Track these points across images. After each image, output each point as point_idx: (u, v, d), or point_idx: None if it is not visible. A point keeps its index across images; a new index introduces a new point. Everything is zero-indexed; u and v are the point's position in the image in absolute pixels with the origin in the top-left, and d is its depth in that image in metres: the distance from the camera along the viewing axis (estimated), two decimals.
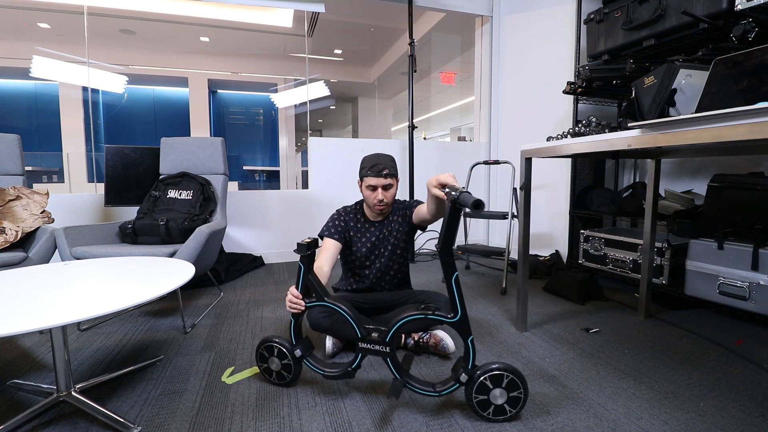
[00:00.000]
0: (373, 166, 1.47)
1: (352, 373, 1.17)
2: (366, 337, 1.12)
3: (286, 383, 1.25)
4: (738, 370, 1.35)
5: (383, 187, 1.48)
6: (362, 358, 1.15)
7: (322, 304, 1.19)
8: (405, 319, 1.08)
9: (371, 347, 1.12)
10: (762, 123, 0.85)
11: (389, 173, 1.47)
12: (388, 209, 1.56)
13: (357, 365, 1.15)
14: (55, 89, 5.09)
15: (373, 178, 1.47)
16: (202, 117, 5.81)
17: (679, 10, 1.69)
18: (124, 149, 2.43)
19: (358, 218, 1.60)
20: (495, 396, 1.04)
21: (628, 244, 2.12)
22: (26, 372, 1.36)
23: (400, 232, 1.58)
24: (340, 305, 1.17)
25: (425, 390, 1.08)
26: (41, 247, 1.80)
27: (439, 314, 1.06)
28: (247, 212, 3.04)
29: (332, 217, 1.60)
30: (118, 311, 1.23)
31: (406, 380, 1.10)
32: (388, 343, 1.10)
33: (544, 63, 2.94)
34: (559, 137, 1.67)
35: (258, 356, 1.27)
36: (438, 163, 3.48)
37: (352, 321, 1.14)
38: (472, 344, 1.04)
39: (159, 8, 4.10)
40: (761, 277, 1.59)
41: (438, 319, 1.06)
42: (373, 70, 6.49)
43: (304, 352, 1.21)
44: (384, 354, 1.11)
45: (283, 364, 1.23)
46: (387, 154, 1.52)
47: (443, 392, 1.07)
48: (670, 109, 1.32)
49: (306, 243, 1.14)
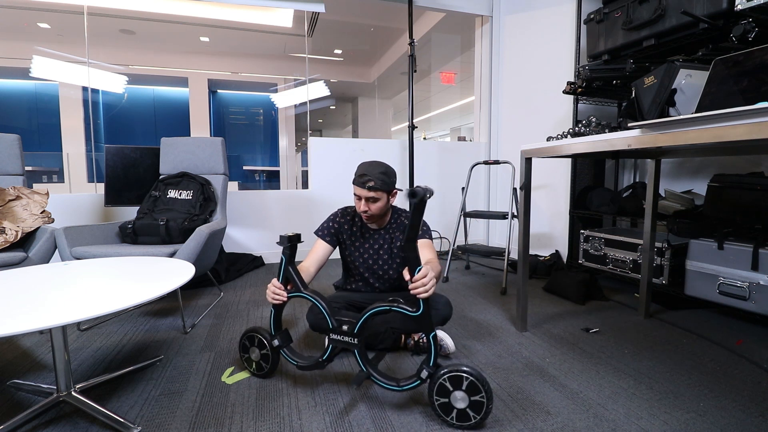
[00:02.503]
0: (361, 176, 1.39)
1: (322, 365, 1.20)
2: (336, 328, 1.15)
3: (265, 374, 1.30)
4: (738, 370, 1.35)
5: (366, 199, 1.41)
6: (333, 350, 1.18)
7: (300, 295, 1.23)
8: (372, 311, 1.11)
9: (341, 338, 1.15)
10: (762, 123, 0.85)
11: (374, 186, 1.37)
12: (378, 220, 1.50)
13: (328, 357, 1.19)
14: (55, 89, 5.09)
15: (357, 188, 1.41)
16: (202, 117, 5.81)
17: (679, 10, 1.69)
18: (124, 149, 2.43)
19: (354, 221, 1.56)
20: (456, 399, 1.02)
21: (628, 244, 2.12)
22: (26, 372, 1.36)
23: (396, 246, 1.54)
24: (315, 298, 1.20)
25: (388, 384, 1.10)
26: (41, 247, 1.79)
27: (402, 306, 1.08)
28: (247, 212, 3.04)
29: (330, 216, 1.58)
30: (118, 311, 1.23)
31: (371, 372, 1.13)
32: (356, 335, 1.13)
33: (544, 63, 2.94)
34: (559, 137, 1.67)
35: (241, 346, 1.32)
36: (438, 163, 3.48)
37: (325, 313, 1.17)
38: (433, 341, 1.06)
39: (159, 8, 4.10)
40: (761, 277, 1.59)
41: (401, 310, 1.08)
42: (373, 70, 6.49)
43: (281, 343, 1.26)
44: (352, 345, 1.14)
45: (262, 354, 1.28)
46: (383, 165, 1.43)
47: (405, 387, 1.08)
48: (670, 109, 1.32)
49: (288, 236, 1.20)
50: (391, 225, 1.55)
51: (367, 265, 1.56)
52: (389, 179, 1.42)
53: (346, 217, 1.57)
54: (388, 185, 1.41)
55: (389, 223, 1.55)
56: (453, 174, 3.52)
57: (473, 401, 1.01)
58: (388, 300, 1.11)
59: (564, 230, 2.71)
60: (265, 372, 1.29)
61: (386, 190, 1.42)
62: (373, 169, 1.40)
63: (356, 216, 1.56)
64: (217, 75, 5.81)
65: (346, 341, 1.15)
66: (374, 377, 1.12)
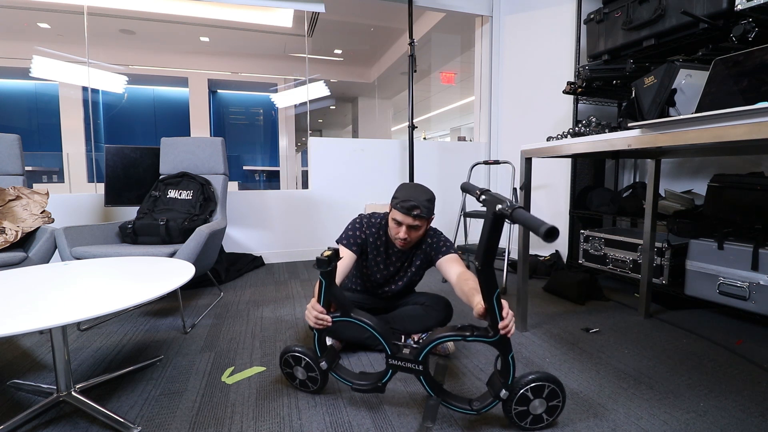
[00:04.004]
0: (405, 201, 1.30)
1: (382, 388, 1.12)
2: (396, 354, 1.09)
3: (313, 391, 1.22)
4: (738, 370, 1.35)
5: (408, 227, 1.33)
6: (393, 374, 1.12)
7: (349, 320, 1.15)
8: (440, 339, 1.05)
9: (403, 365, 1.08)
10: (762, 123, 0.85)
11: (420, 215, 1.30)
12: (413, 243, 1.43)
13: (387, 380, 1.12)
14: (55, 89, 5.08)
15: (400, 214, 1.32)
16: (202, 117, 5.81)
17: (679, 10, 1.69)
18: (124, 149, 2.43)
19: (380, 235, 1.48)
20: (535, 407, 1.02)
21: (628, 244, 2.12)
22: (26, 372, 1.36)
23: (418, 267, 1.51)
24: (367, 323, 1.13)
25: (462, 408, 1.04)
26: (41, 247, 1.79)
27: (478, 335, 1.01)
28: (247, 212, 3.04)
29: (354, 223, 1.46)
30: (118, 311, 1.23)
31: (442, 398, 1.06)
32: (421, 362, 1.06)
33: (544, 63, 2.94)
34: (559, 137, 1.67)
35: (282, 362, 1.23)
36: (438, 163, 3.48)
37: (381, 339, 1.11)
38: (512, 360, 1.00)
39: (159, 8, 4.10)
40: (761, 277, 1.59)
41: (478, 339, 1.02)
42: (373, 70, 6.49)
43: (330, 364, 1.17)
44: (417, 372, 1.07)
45: (309, 376, 1.20)
46: (427, 191, 1.35)
47: (482, 410, 1.03)
48: (670, 109, 1.32)
49: (326, 258, 1.04)
50: (418, 248, 1.49)
51: (383, 279, 1.53)
52: (432, 206, 1.35)
53: (372, 229, 1.47)
54: (431, 213, 1.35)
55: (416, 246, 1.49)
56: (453, 174, 3.52)
57: (550, 406, 1.02)
58: (458, 328, 1.04)
59: (564, 230, 2.72)
60: (313, 390, 1.22)
61: (429, 218, 1.37)
62: (419, 195, 1.32)
63: (381, 230, 1.48)
64: (217, 75, 5.81)
65: (408, 367, 1.08)
66: (446, 403, 1.06)
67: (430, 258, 1.47)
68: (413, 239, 1.37)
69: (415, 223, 1.32)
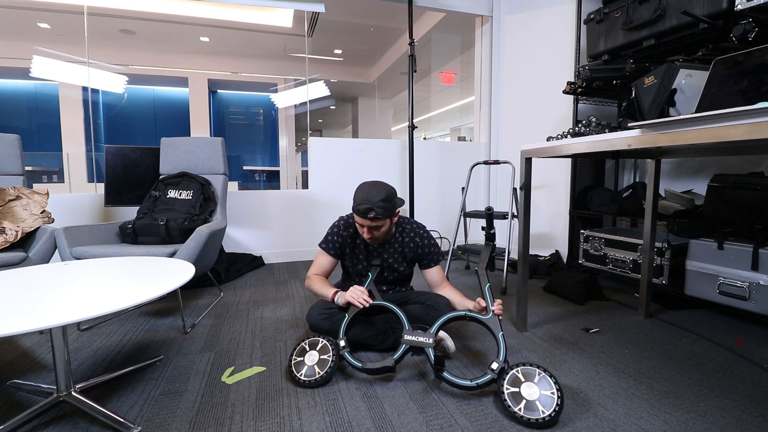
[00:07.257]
0: (359, 204, 1.35)
1: (393, 367, 1.24)
2: (412, 332, 1.26)
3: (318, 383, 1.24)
4: (738, 370, 1.35)
5: (369, 228, 1.38)
6: (405, 352, 1.24)
7: (380, 304, 1.37)
8: (447, 317, 1.28)
9: (416, 339, 1.24)
10: (762, 123, 0.85)
11: (376, 216, 1.34)
12: (383, 239, 1.47)
13: (400, 357, 1.23)
14: (55, 89, 5.08)
15: (358, 218, 1.38)
16: (202, 117, 5.80)
17: (679, 10, 1.69)
18: (124, 149, 2.43)
19: (357, 235, 1.53)
20: (527, 391, 1.07)
21: (628, 244, 2.12)
22: (26, 372, 1.36)
23: (399, 263, 1.55)
24: (392, 307, 1.34)
25: (462, 382, 1.17)
26: (41, 247, 1.79)
27: (473, 314, 1.28)
28: (247, 212, 3.04)
29: (333, 228, 1.55)
30: (118, 311, 1.23)
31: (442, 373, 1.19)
32: (432, 335, 1.24)
33: (544, 63, 2.94)
34: (559, 137, 1.67)
35: (297, 350, 1.32)
36: (438, 163, 3.48)
37: (403, 318, 1.30)
38: (503, 339, 1.21)
39: (159, 8, 4.10)
40: (761, 277, 1.59)
41: (474, 317, 1.27)
42: (373, 70, 6.49)
43: (347, 345, 1.31)
44: (429, 345, 1.22)
45: (321, 359, 1.28)
46: (382, 190, 1.37)
47: (479, 383, 1.14)
48: (670, 109, 1.32)
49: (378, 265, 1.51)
50: (396, 239, 1.54)
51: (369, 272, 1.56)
52: (390, 204, 1.38)
53: (349, 230, 1.53)
54: (390, 210, 1.38)
55: (394, 237, 1.54)
56: (453, 174, 3.52)
57: (544, 395, 1.07)
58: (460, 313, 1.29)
59: (564, 230, 2.71)
60: (318, 378, 1.24)
61: (388, 216, 1.39)
62: (372, 197, 1.35)
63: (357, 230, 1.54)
64: (217, 75, 5.80)
65: (421, 341, 1.23)
66: (446, 377, 1.18)
67: (418, 258, 1.55)
68: (378, 237, 1.44)
69: (373, 224, 1.38)
